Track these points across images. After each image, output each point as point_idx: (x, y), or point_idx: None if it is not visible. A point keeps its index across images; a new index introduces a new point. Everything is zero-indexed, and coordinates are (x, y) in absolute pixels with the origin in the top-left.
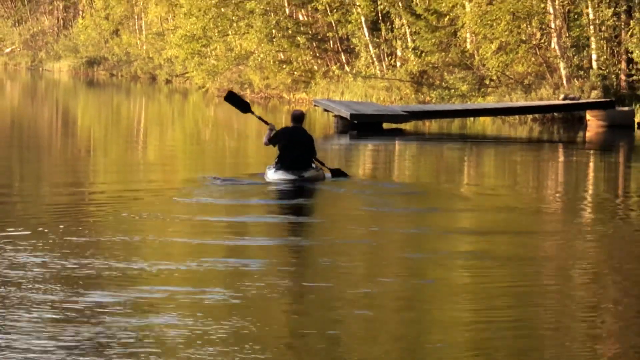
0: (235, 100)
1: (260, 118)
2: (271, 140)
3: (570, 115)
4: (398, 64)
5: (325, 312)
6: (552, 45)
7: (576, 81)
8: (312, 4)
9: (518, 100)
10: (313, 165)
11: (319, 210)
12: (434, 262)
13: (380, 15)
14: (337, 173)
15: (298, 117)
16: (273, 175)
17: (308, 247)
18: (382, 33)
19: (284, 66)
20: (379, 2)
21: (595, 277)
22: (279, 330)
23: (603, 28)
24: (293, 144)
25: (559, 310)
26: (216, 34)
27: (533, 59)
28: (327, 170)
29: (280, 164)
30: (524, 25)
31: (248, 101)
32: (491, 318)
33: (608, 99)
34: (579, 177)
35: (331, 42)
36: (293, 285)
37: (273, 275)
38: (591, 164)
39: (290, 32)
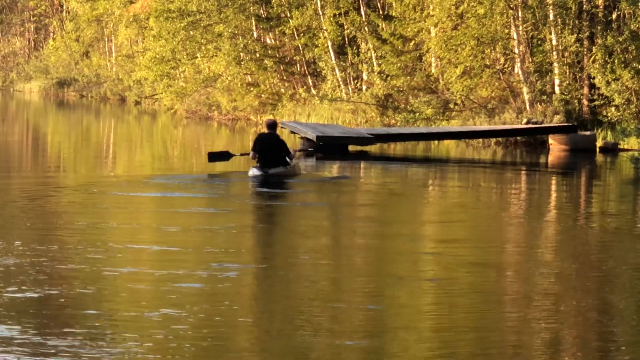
0: (216, 156)
1: (242, 154)
2: (253, 149)
3: (533, 139)
4: (364, 87)
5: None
6: (516, 70)
7: (539, 106)
8: (280, 28)
9: (482, 124)
10: (291, 162)
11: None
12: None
13: (346, 39)
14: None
15: (271, 125)
16: (250, 172)
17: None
18: (349, 57)
19: (252, 89)
20: (345, 27)
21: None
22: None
23: (566, 54)
24: (265, 148)
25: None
26: (185, 57)
27: (497, 83)
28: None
29: (258, 164)
30: (488, 50)
31: (227, 150)
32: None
33: (570, 124)
34: (541, 197)
35: (298, 65)
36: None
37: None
38: (553, 186)
39: (257, 55)
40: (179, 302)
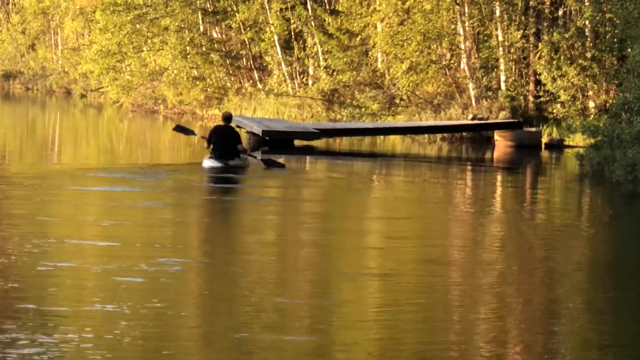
0: (182, 129)
1: (202, 137)
2: (208, 141)
3: (478, 135)
4: (310, 82)
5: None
6: (462, 66)
7: (485, 102)
8: (226, 22)
9: (427, 119)
10: (241, 155)
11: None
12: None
13: (293, 34)
14: (270, 163)
15: (227, 117)
16: (206, 163)
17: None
18: (295, 52)
19: (198, 82)
20: (291, 21)
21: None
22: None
23: (512, 50)
24: (221, 139)
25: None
26: (131, 50)
27: (443, 79)
28: (259, 162)
29: (213, 155)
30: (435, 45)
31: (192, 130)
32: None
33: (516, 120)
34: (486, 193)
35: (244, 59)
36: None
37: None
38: (498, 182)
39: (204, 49)
40: (120, 297)
